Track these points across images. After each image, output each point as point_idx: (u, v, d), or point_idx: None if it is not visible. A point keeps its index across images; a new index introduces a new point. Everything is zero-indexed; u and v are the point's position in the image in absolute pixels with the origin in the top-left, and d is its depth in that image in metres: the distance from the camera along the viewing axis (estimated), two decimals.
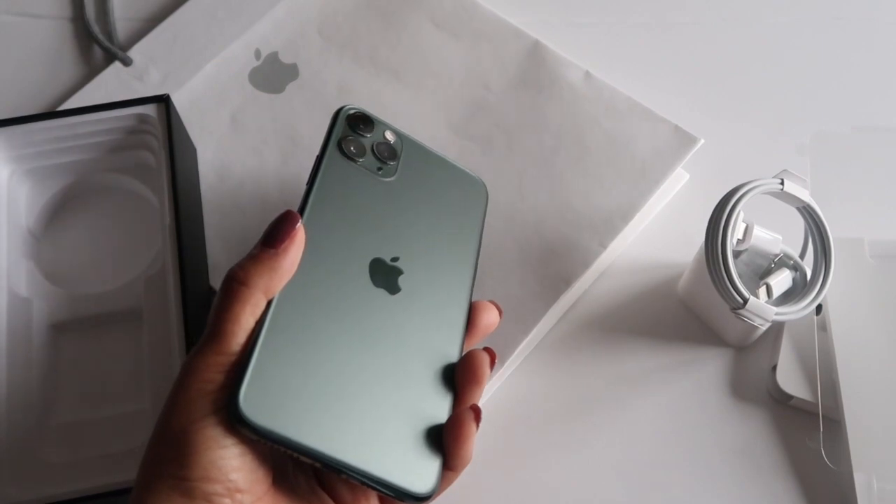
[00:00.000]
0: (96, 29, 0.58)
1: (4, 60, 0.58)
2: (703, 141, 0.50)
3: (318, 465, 0.31)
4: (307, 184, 0.37)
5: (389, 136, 0.41)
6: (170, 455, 0.29)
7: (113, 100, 0.48)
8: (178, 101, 0.52)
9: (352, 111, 0.41)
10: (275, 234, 0.33)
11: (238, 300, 0.31)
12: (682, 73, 0.56)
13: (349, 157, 0.39)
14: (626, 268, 0.50)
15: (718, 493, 0.43)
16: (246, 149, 0.52)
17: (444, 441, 0.33)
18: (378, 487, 0.31)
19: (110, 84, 0.55)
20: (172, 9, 0.58)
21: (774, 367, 0.45)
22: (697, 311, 0.48)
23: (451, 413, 0.34)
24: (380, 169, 0.40)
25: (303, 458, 0.31)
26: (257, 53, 0.56)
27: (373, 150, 0.40)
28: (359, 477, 0.31)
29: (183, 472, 0.28)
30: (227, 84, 0.55)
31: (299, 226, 0.34)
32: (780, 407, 0.45)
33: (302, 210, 0.36)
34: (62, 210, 0.50)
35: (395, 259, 0.37)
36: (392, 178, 0.40)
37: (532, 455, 0.45)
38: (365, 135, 0.40)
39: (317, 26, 0.57)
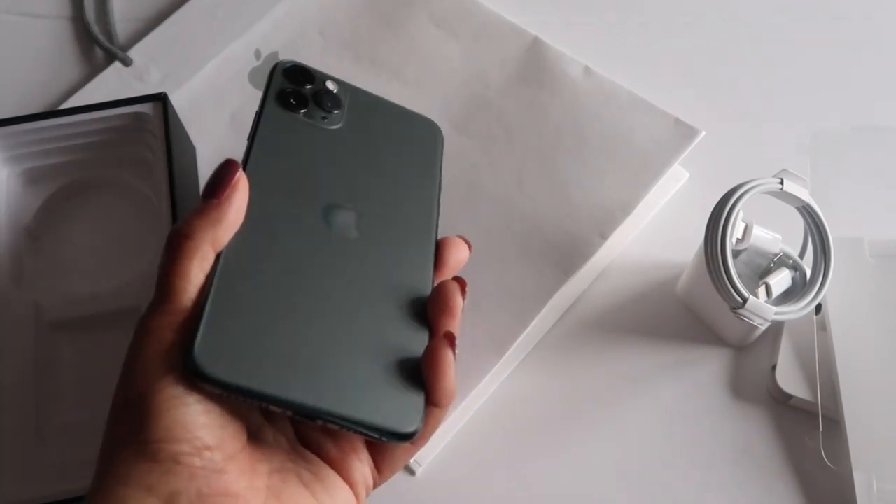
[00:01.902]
0: (96, 29, 0.58)
1: (5, 60, 0.58)
2: (704, 133, 0.50)
3: (289, 413, 0.29)
4: (248, 139, 0.35)
5: (331, 85, 0.39)
6: (130, 420, 0.28)
7: (113, 100, 0.48)
8: (178, 100, 0.52)
9: (288, 65, 0.38)
10: (216, 185, 0.32)
11: (184, 255, 0.30)
12: (681, 73, 0.56)
13: (290, 109, 0.37)
14: (626, 268, 0.50)
15: (718, 492, 0.43)
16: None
17: (423, 374, 0.32)
18: (360, 429, 0.30)
19: (111, 84, 0.55)
20: (172, 9, 0.58)
21: (774, 367, 0.45)
22: (697, 311, 0.48)
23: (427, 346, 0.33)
24: (324, 118, 0.37)
25: (273, 408, 0.29)
26: (257, 53, 0.56)
27: (315, 100, 0.38)
28: (337, 421, 0.29)
29: (145, 434, 0.27)
30: (227, 84, 0.55)
31: (240, 173, 0.32)
32: (780, 407, 0.45)
33: (245, 162, 0.34)
34: (61, 209, 0.50)
35: (350, 203, 0.35)
36: (338, 126, 0.38)
37: (532, 454, 0.45)
38: (305, 87, 0.38)
39: (317, 26, 0.57)
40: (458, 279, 0.34)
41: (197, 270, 0.30)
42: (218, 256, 0.31)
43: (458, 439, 0.45)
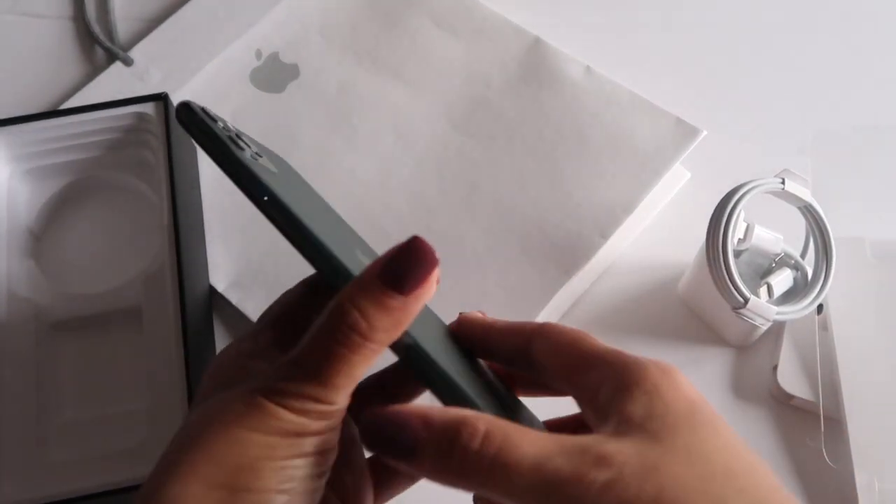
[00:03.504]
0: (97, 29, 0.58)
1: (5, 60, 0.58)
2: (705, 132, 0.50)
3: None
4: (268, 205, 0.27)
5: (226, 122, 0.30)
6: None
7: (114, 100, 0.48)
8: (179, 100, 0.52)
9: (194, 103, 0.29)
10: (409, 277, 0.25)
11: (361, 359, 0.25)
12: (682, 72, 0.56)
13: (253, 158, 0.28)
14: (627, 268, 0.50)
15: None
16: None
17: None
18: None
19: (111, 84, 0.55)
20: (173, 9, 0.58)
21: (775, 367, 0.45)
22: (698, 311, 0.48)
23: None
24: (259, 158, 0.29)
25: None
26: (258, 53, 0.56)
27: (242, 143, 0.29)
28: None
29: None
30: (227, 84, 0.55)
31: (438, 262, 0.26)
32: (782, 407, 0.45)
33: (309, 237, 0.26)
34: (62, 209, 0.50)
35: (363, 254, 0.31)
36: (276, 170, 0.30)
37: None
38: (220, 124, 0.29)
39: (318, 26, 0.57)
40: None
41: (364, 371, 0.26)
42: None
43: None
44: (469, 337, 0.31)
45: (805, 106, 0.55)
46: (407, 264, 0.25)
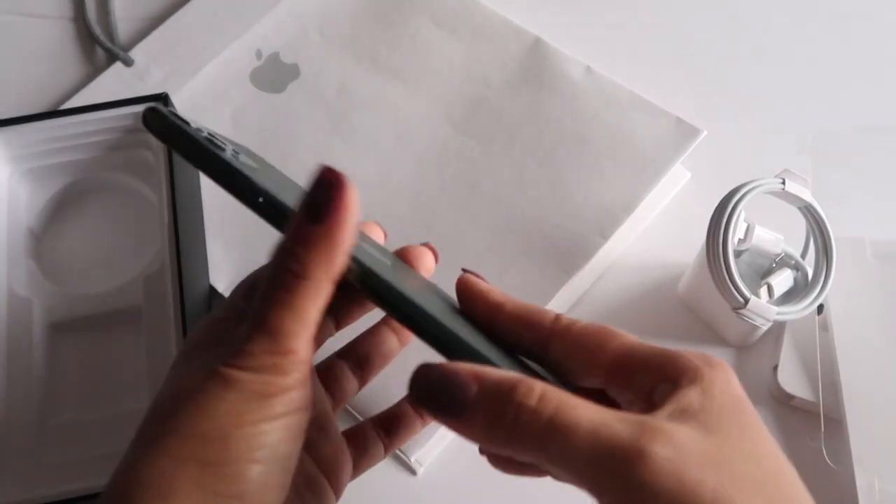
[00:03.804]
0: (97, 29, 0.58)
1: (6, 60, 0.58)
2: (705, 132, 0.50)
3: None
4: (264, 206, 0.26)
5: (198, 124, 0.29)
6: (212, 477, 0.24)
7: (114, 100, 0.48)
8: (179, 100, 0.52)
9: (164, 108, 0.27)
10: (320, 204, 0.25)
11: (300, 295, 0.25)
12: (682, 73, 0.56)
13: (234, 156, 0.28)
14: (627, 268, 0.50)
15: None
16: None
17: None
18: None
19: (112, 84, 0.55)
20: (174, 9, 0.58)
21: (776, 367, 0.45)
22: (698, 311, 0.48)
23: None
24: (237, 155, 0.28)
25: None
26: (258, 53, 0.56)
27: (221, 143, 0.28)
28: None
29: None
30: (228, 84, 0.55)
31: (348, 185, 0.25)
32: (782, 407, 0.45)
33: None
34: (62, 209, 0.50)
35: None
36: (256, 165, 0.29)
37: None
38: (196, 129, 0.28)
39: (318, 26, 0.57)
40: None
41: (314, 310, 0.25)
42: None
43: (459, 439, 0.45)
44: (474, 318, 0.30)
45: (805, 106, 0.55)
46: (316, 192, 0.25)
